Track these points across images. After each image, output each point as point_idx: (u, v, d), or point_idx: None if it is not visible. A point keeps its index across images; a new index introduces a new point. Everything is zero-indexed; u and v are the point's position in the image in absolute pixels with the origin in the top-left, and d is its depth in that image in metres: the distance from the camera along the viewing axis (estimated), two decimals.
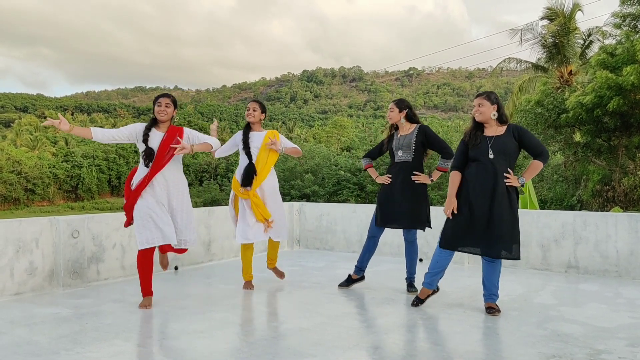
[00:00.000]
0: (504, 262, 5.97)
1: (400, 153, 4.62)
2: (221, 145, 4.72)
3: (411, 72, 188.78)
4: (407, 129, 4.66)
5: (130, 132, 4.20)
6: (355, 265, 4.93)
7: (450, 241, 4.01)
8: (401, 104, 4.69)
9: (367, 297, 4.59)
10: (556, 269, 5.74)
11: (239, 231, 4.75)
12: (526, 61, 22.36)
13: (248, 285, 4.92)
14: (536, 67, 22.07)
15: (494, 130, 4.00)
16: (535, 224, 5.86)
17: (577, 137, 16.88)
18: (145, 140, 4.16)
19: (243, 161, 4.80)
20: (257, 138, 4.83)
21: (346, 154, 39.40)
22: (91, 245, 5.08)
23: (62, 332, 3.56)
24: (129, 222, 4.26)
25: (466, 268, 5.98)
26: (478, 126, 4.05)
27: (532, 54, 21.47)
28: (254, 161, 4.76)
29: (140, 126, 4.24)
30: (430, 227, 4.69)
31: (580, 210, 16.24)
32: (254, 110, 4.86)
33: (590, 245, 5.59)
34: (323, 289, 4.89)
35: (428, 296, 4.24)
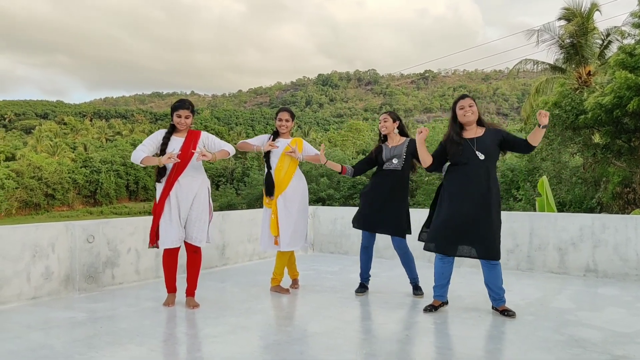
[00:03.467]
0: (521, 265, 5.90)
1: (393, 160, 4.66)
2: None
3: (427, 74, 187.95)
4: (397, 141, 4.74)
5: (153, 143, 4.33)
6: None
7: (444, 246, 4.01)
8: (394, 115, 4.80)
9: (381, 302, 4.55)
10: (574, 272, 5.64)
11: (261, 240, 4.91)
12: (543, 62, 22.11)
13: (275, 289, 4.93)
14: (554, 68, 21.81)
15: (474, 132, 4.07)
16: (552, 227, 5.77)
17: (597, 138, 16.62)
18: (163, 148, 4.28)
19: (265, 169, 4.89)
20: (281, 146, 4.81)
21: (362, 158, 39.29)
22: (106, 250, 5.12)
23: (76, 336, 3.59)
24: (153, 241, 4.33)
25: (482, 271, 5.90)
26: (459, 129, 4.09)
27: (550, 55, 21.17)
28: (273, 169, 4.78)
29: (160, 135, 4.36)
30: (410, 233, 4.71)
31: (600, 212, 15.98)
32: (287, 121, 4.87)
33: (609, 248, 5.48)
34: (337, 293, 4.87)
35: (440, 305, 4.22)
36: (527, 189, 18.90)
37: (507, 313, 3.99)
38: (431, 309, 4.16)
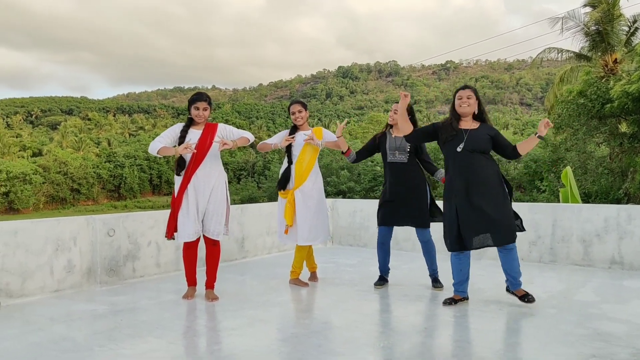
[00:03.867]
0: (544, 258, 5.80)
1: (397, 153, 4.63)
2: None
3: (448, 65, 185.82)
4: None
5: (170, 135, 4.35)
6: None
7: (456, 243, 4.00)
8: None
9: (400, 295, 4.52)
10: (599, 264, 5.52)
11: (279, 233, 4.94)
12: (568, 50, 21.60)
13: (294, 282, 4.93)
14: (579, 56, 21.29)
15: (469, 124, 4.05)
16: (576, 218, 5.65)
17: (623, 127, 16.24)
18: (181, 141, 4.30)
19: (284, 163, 4.89)
20: (301, 137, 4.79)
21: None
22: (127, 243, 5.18)
23: (97, 328, 3.64)
24: (170, 233, 4.36)
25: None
26: (456, 118, 4.06)
27: (574, 43, 20.53)
28: (294, 162, 4.78)
29: (178, 128, 4.39)
30: (440, 220, 4.58)
31: (627, 203, 15.62)
32: (300, 112, 4.84)
33: (635, 240, 5.35)
34: (355, 286, 4.85)
35: (460, 300, 4.17)
36: (551, 180, 18.58)
37: (526, 299, 3.94)
38: (451, 302, 4.11)
